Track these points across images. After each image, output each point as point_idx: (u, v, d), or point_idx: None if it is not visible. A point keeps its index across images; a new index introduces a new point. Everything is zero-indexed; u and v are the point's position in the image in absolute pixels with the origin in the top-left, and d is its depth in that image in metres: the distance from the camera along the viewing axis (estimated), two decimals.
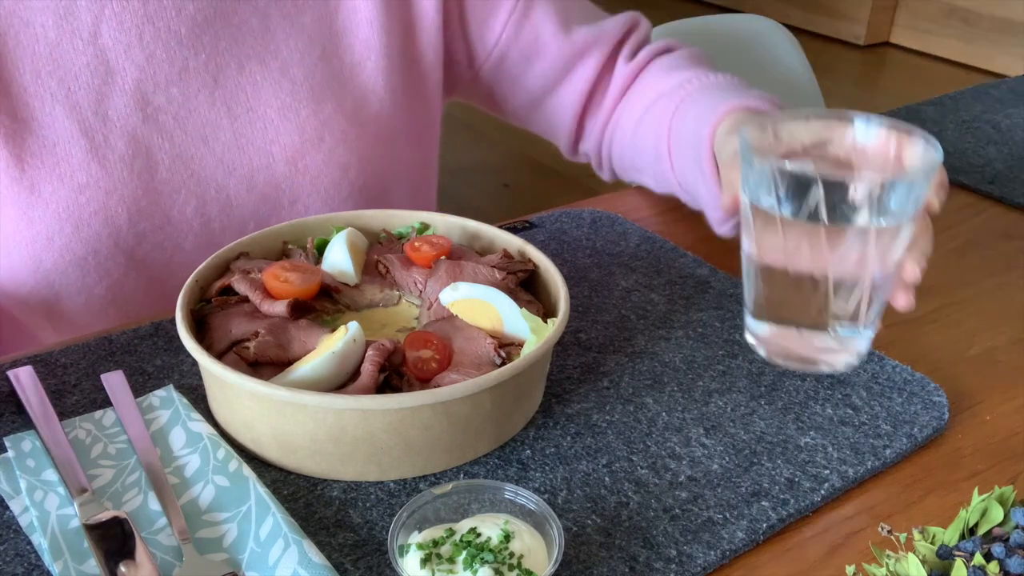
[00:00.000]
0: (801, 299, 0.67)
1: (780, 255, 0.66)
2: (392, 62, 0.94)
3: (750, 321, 0.71)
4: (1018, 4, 3.97)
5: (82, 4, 0.80)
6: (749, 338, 0.72)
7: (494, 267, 0.74)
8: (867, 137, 0.69)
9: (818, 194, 0.61)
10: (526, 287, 0.76)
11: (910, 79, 4.11)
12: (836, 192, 0.61)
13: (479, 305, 0.70)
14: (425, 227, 0.81)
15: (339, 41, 0.92)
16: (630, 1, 1.23)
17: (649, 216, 1.01)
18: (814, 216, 0.62)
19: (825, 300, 0.66)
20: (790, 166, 0.62)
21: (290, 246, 0.79)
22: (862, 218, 0.62)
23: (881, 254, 0.64)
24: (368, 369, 0.64)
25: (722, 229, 0.87)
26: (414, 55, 0.96)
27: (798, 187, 0.62)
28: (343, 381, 0.65)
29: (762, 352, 0.71)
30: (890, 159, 0.68)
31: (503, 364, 0.65)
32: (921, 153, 0.65)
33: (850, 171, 0.68)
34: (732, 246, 0.96)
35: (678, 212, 1.03)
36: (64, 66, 0.81)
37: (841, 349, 0.69)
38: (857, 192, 0.61)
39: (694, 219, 1.02)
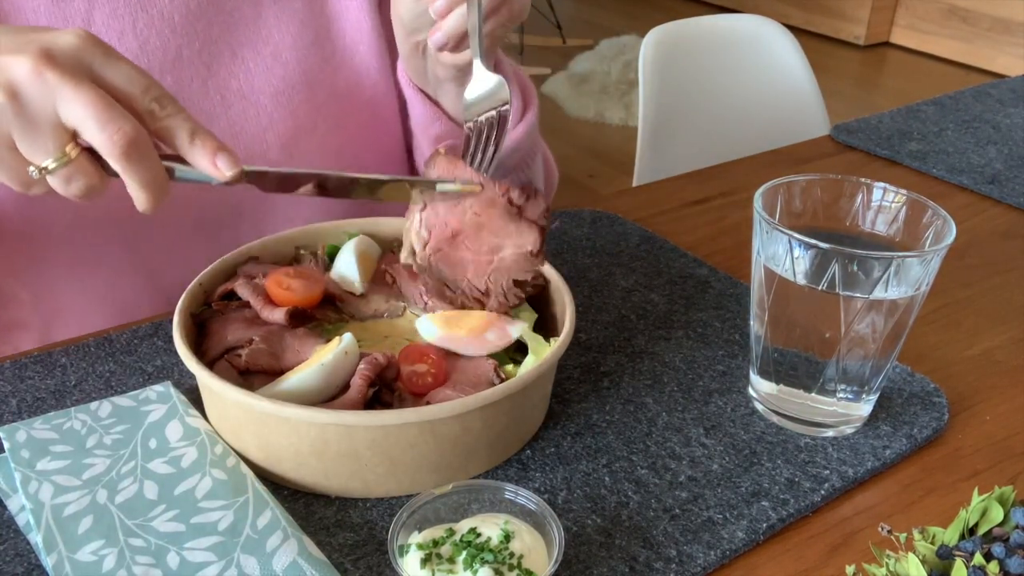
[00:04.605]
0: (809, 363, 0.67)
1: (791, 319, 0.66)
2: (384, 43, 0.93)
3: (754, 378, 0.71)
4: (1018, 4, 3.97)
5: None
6: (751, 393, 0.72)
7: None
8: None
9: (834, 266, 0.62)
10: (535, 301, 0.75)
11: (910, 79, 4.11)
12: (852, 263, 0.62)
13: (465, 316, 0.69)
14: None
15: (331, 25, 0.91)
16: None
17: (649, 216, 1.01)
18: (828, 284, 0.63)
19: (834, 366, 0.66)
20: (807, 237, 0.62)
21: (302, 252, 0.78)
22: (875, 289, 0.62)
23: (890, 323, 0.64)
24: (357, 383, 0.63)
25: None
26: None
27: (814, 256, 0.63)
28: (333, 394, 0.64)
29: (763, 409, 0.71)
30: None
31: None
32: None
33: (864, 241, 0.69)
34: (732, 246, 0.96)
35: (678, 212, 1.03)
36: None
37: (844, 414, 0.69)
38: (873, 265, 0.62)
39: (694, 219, 1.02)
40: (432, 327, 0.67)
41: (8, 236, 0.82)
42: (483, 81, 0.73)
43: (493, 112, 0.73)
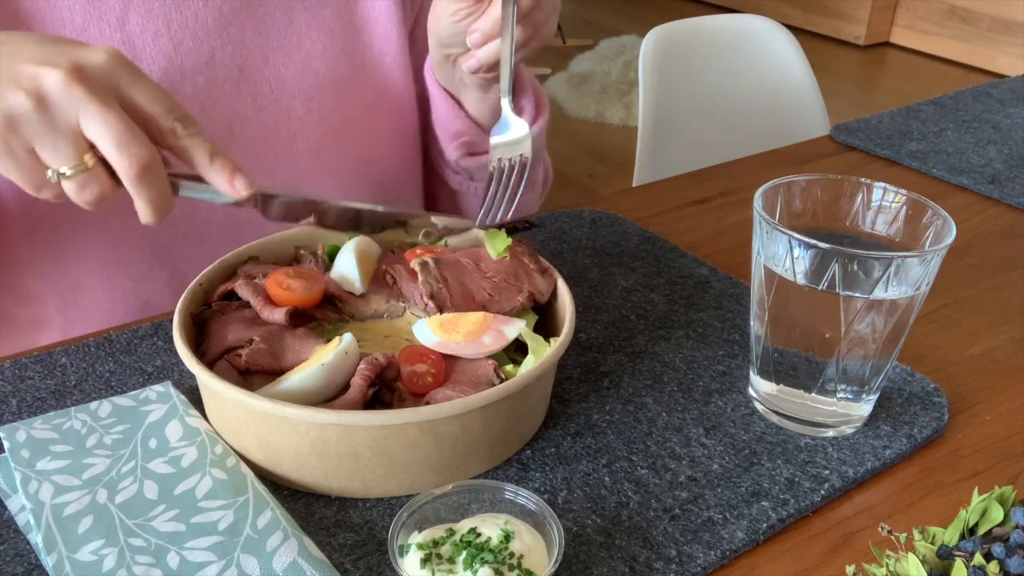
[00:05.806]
0: (809, 363, 0.67)
1: (792, 319, 0.66)
2: (408, 57, 0.94)
3: (754, 378, 0.71)
4: (1018, 4, 3.97)
5: None
6: (751, 393, 0.72)
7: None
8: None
9: (834, 266, 0.62)
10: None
11: (910, 79, 4.12)
12: (852, 263, 0.62)
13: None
14: (441, 237, 0.80)
15: (359, 36, 0.92)
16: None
17: (649, 216, 1.01)
18: (828, 284, 0.62)
19: (834, 366, 0.66)
20: (807, 237, 0.62)
21: (302, 252, 0.78)
22: (875, 289, 0.62)
23: (890, 323, 0.64)
24: (357, 383, 0.63)
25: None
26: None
27: (814, 256, 0.63)
28: (333, 394, 0.64)
29: (763, 409, 0.71)
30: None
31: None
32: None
33: (864, 241, 0.69)
34: (732, 246, 0.96)
35: (678, 212, 1.03)
36: None
37: (844, 414, 0.69)
38: (873, 265, 0.61)
39: (694, 219, 1.02)
40: (429, 332, 0.67)
41: (36, 236, 0.83)
42: (509, 126, 0.78)
43: (516, 157, 0.77)
